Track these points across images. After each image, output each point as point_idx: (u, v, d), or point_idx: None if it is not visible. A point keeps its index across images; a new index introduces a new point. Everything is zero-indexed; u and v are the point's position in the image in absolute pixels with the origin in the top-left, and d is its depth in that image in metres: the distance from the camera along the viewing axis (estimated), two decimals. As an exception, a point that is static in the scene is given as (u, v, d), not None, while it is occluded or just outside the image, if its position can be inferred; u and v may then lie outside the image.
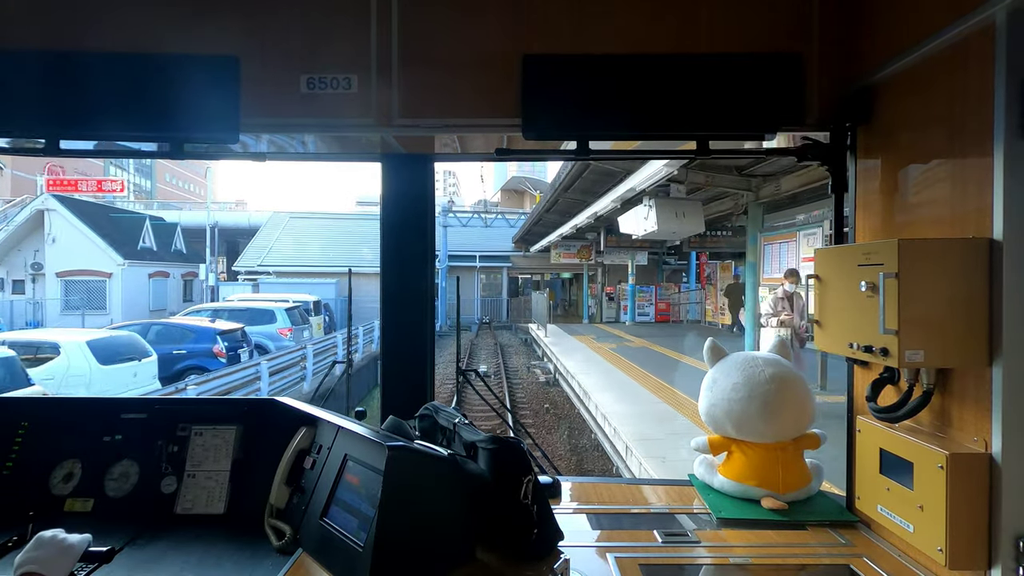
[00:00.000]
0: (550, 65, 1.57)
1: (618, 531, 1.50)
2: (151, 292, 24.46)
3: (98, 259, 22.50)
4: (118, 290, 22.64)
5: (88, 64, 1.57)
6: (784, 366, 1.70)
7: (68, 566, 1.08)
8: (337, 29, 1.66)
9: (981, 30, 1.16)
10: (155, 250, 25.88)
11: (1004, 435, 1.12)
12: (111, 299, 22.62)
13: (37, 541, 1.09)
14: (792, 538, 1.45)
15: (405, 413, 1.56)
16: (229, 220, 31.35)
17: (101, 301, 22.54)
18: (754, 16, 1.64)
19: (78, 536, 1.13)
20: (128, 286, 22.95)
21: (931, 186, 1.32)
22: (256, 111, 1.64)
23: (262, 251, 27.13)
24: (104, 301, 22.55)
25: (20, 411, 1.63)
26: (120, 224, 24.74)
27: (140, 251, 24.56)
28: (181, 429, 1.61)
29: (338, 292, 23.07)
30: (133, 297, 22.98)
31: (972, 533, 1.16)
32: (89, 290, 22.56)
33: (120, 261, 22.61)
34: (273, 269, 25.36)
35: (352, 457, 1.32)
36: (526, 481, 1.28)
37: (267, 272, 25.09)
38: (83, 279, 22.46)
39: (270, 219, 30.49)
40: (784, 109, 1.56)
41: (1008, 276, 1.12)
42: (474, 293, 29.23)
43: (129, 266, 22.91)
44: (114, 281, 22.67)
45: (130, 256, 23.31)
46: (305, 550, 1.31)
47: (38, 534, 1.10)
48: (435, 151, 1.98)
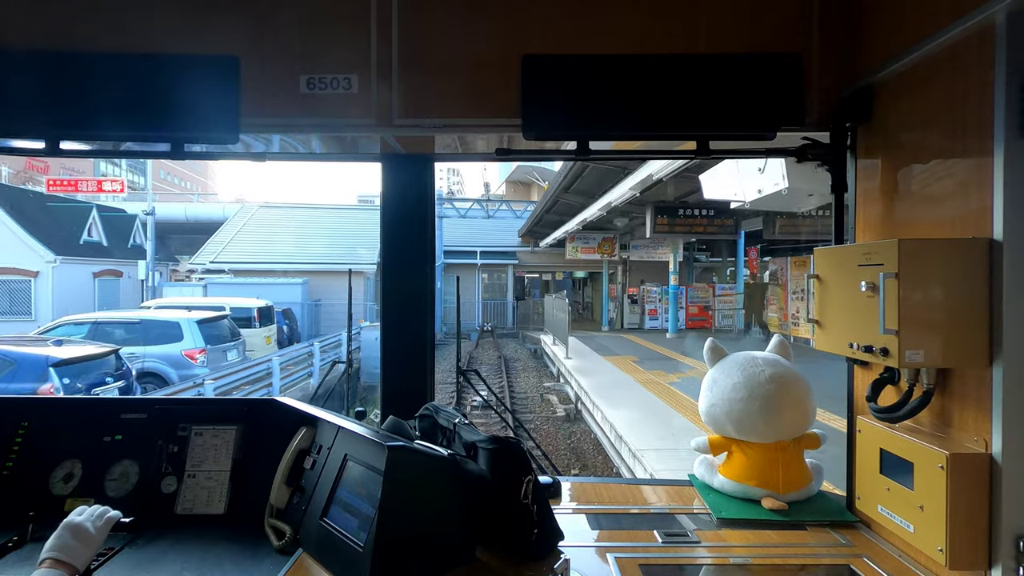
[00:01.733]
0: (550, 65, 1.57)
1: (618, 531, 1.50)
2: (97, 293, 20.76)
3: (21, 255, 18.65)
4: (47, 292, 18.77)
5: (88, 64, 1.57)
6: (784, 366, 1.70)
7: (91, 554, 1.16)
8: (337, 29, 1.66)
9: (981, 30, 1.16)
10: (105, 245, 22.19)
11: (1004, 435, 1.12)
12: (37, 302, 18.79)
13: (66, 527, 1.16)
14: (792, 538, 1.45)
15: (405, 413, 1.56)
16: (203, 213, 27.74)
17: (25, 305, 18.77)
18: (754, 16, 1.64)
19: (102, 520, 1.21)
20: (62, 287, 19.06)
21: (931, 186, 1.32)
22: (256, 111, 1.64)
23: (221, 246, 22.72)
24: (28, 305, 18.76)
25: (20, 411, 1.63)
26: (57, 215, 20.89)
27: (84, 246, 20.94)
28: (181, 429, 1.61)
29: (307, 295, 19.81)
30: (71, 299, 18.93)
31: (972, 533, 1.16)
32: (10, 292, 18.67)
33: (50, 258, 18.77)
34: (230, 267, 21.10)
35: (352, 457, 1.32)
36: (526, 481, 1.28)
37: (221, 270, 20.87)
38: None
39: (239, 211, 26.20)
40: (784, 109, 1.56)
41: (1008, 276, 1.12)
42: (475, 295, 25.83)
43: (63, 263, 19.09)
44: (41, 281, 18.83)
45: (68, 252, 19.59)
46: (305, 550, 1.31)
47: (65, 521, 1.17)
48: (435, 151, 1.98)
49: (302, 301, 19.47)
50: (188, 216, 27.76)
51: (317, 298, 20.72)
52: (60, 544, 1.12)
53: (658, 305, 20.58)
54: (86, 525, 1.17)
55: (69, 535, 1.14)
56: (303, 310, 19.34)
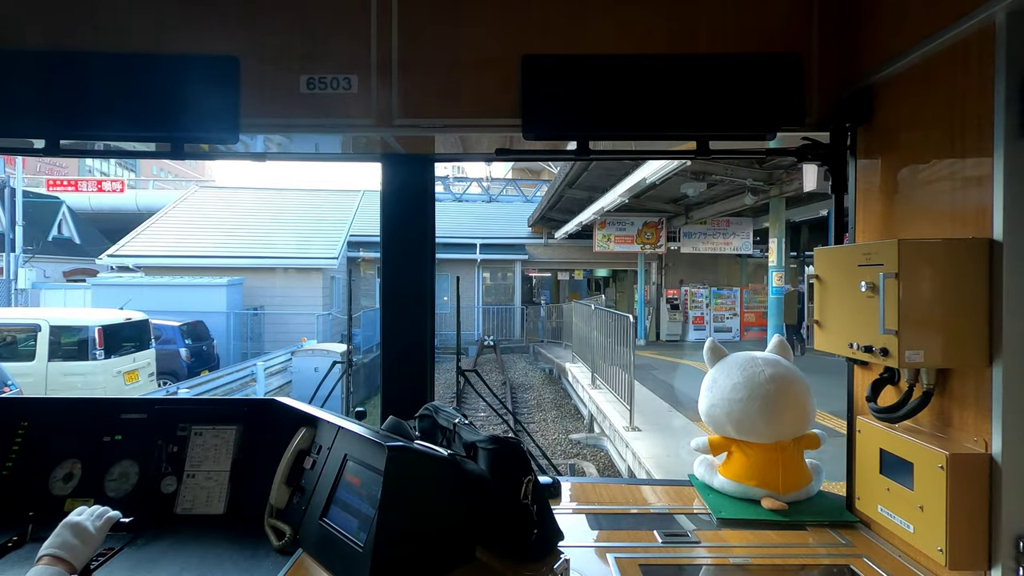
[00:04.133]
0: (550, 65, 1.57)
1: (618, 531, 1.50)
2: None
3: None
4: None
5: (88, 64, 1.57)
6: (784, 366, 1.70)
7: (90, 553, 1.16)
8: (337, 29, 1.66)
9: (981, 30, 1.16)
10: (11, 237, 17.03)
11: (1004, 435, 1.12)
12: None
13: (65, 526, 1.16)
14: (792, 538, 1.45)
15: (405, 413, 1.56)
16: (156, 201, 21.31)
17: None
18: (754, 16, 1.64)
19: (102, 520, 1.21)
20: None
21: (931, 186, 1.32)
22: (256, 111, 1.64)
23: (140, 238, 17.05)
24: None
25: (20, 411, 1.63)
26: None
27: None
28: (181, 429, 1.61)
29: (240, 300, 15.10)
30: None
31: (972, 533, 1.16)
32: None
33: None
34: (142, 263, 15.80)
35: (352, 457, 1.32)
36: (526, 481, 1.28)
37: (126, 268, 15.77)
38: None
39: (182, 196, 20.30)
40: (784, 109, 1.56)
41: (1008, 276, 1.12)
42: (474, 298, 19.83)
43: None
44: None
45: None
46: (305, 550, 1.31)
47: (65, 520, 1.17)
48: (435, 151, 1.98)
49: (229, 309, 13.98)
50: (140, 205, 21.70)
51: (258, 304, 15.59)
52: (59, 542, 1.12)
53: (705, 311, 16.50)
54: (85, 524, 1.17)
55: (68, 533, 1.14)
56: (229, 322, 13.97)
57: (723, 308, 16.10)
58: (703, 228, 14.30)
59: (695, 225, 14.32)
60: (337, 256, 16.60)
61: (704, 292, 16.72)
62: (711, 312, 16.31)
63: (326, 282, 16.69)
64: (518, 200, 23.10)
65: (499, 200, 23.49)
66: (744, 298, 15.94)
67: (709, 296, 16.51)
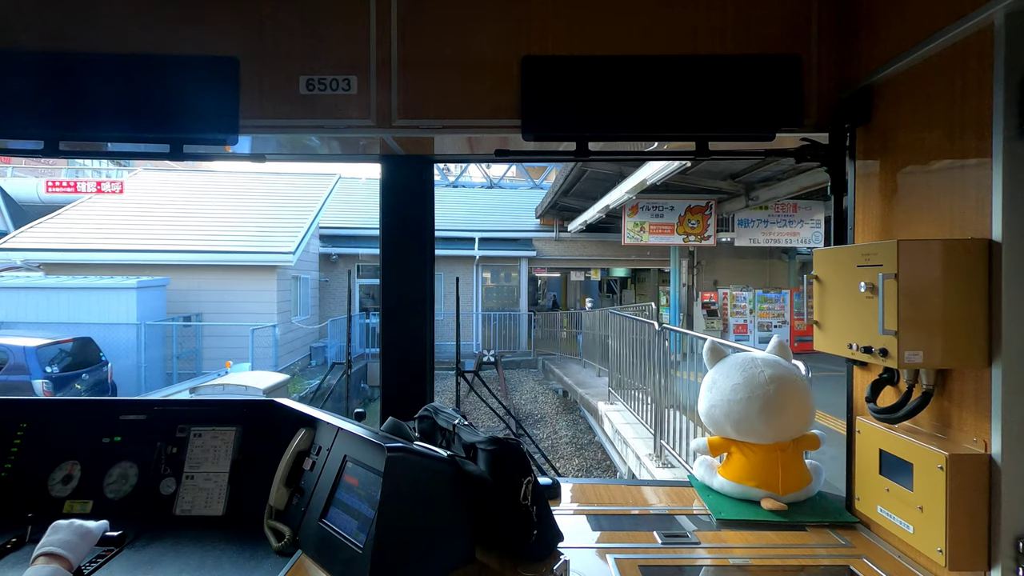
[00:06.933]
0: (549, 66, 1.57)
1: (618, 532, 1.49)
2: None
3: None
4: None
5: (87, 65, 1.57)
6: (784, 367, 1.70)
7: (87, 549, 1.15)
8: (336, 30, 1.67)
9: (980, 31, 1.16)
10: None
11: (1004, 436, 1.12)
12: None
13: (54, 527, 1.15)
14: (792, 539, 1.45)
15: (405, 414, 1.56)
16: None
17: None
18: (753, 18, 1.64)
19: (94, 522, 1.20)
20: None
21: (930, 187, 1.32)
22: (255, 112, 1.65)
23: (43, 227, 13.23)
24: None
25: (19, 412, 1.63)
26: None
27: None
28: (180, 430, 1.60)
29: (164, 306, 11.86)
30: None
31: (972, 534, 1.16)
32: None
33: None
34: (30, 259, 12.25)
35: (351, 458, 1.32)
36: (526, 482, 1.28)
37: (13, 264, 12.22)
38: None
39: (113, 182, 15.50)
40: (783, 110, 1.56)
41: (1007, 277, 1.12)
42: (472, 302, 16.91)
43: None
44: None
45: None
46: (304, 552, 1.31)
47: (54, 523, 1.16)
48: (434, 152, 1.98)
49: (141, 319, 10.73)
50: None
51: (195, 311, 12.39)
52: (56, 539, 1.11)
53: (749, 318, 13.26)
54: (80, 521, 1.17)
55: (65, 530, 1.13)
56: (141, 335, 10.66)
57: (769, 314, 13.10)
58: (763, 214, 11.24)
59: (754, 211, 11.16)
60: (294, 251, 12.84)
61: (747, 295, 13.49)
62: (755, 319, 13.25)
63: (285, 284, 13.35)
64: (524, 186, 19.35)
65: (501, 186, 19.62)
66: (795, 302, 12.85)
67: (753, 300, 13.35)
